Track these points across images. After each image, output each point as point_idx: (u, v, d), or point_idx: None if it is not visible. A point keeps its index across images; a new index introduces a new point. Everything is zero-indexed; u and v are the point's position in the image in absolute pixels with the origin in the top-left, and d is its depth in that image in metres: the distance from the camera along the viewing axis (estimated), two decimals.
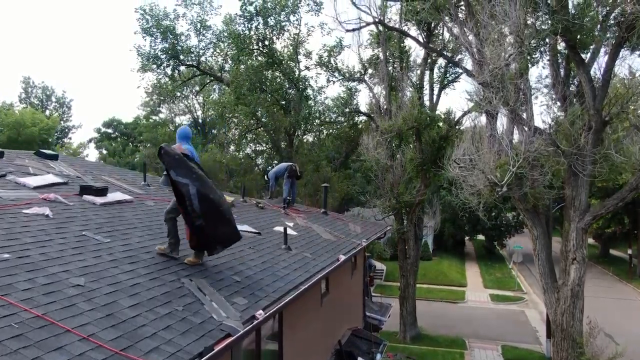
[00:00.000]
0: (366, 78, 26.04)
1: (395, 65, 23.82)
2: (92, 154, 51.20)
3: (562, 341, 13.80)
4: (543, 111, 30.77)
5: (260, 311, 4.99)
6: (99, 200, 7.24)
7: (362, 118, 28.72)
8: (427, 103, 23.46)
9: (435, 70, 24.73)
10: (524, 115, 13.42)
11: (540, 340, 22.69)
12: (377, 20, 19.48)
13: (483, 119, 15.18)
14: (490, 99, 12.82)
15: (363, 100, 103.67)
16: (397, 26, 21.94)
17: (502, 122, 14.03)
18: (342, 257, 8.38)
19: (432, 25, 21.58)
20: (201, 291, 5.12)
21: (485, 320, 25.96)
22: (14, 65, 72.66)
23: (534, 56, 15.01)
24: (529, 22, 13.28)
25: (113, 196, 7.72)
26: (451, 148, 18.49)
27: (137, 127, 46.62)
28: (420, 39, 21.57)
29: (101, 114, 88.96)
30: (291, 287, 6.15)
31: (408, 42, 24.43)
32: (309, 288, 6.59)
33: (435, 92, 24.32)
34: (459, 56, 22.50)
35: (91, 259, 5.07)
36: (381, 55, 23.22)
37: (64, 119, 48.26)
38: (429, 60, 23.41)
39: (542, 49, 14.77)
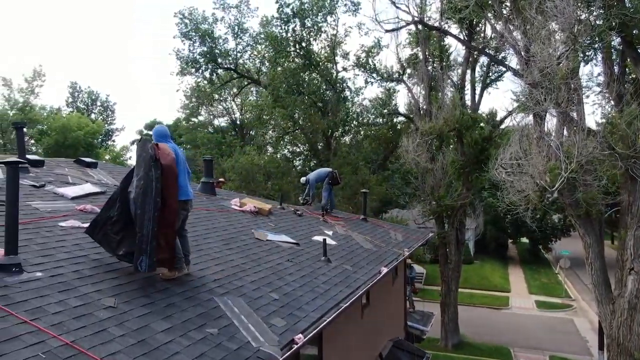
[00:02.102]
0: (405, 78, 25.48)
1: (435, 65, 23.14)
2: (134, 157, 52.57)
3: (618, 356, 12.92)
4: (594, 111, 29.17)
5: (300, 335, 4.69)
6: None
7: (401, 119, 28.16)
8: (468, 103, 22.67)
9: (477, 69, 23.92)
10: (575, 116, 12.64)
11: (592, 352, 21.51)
12: (416, 19, 18.93)
13: (530, 119, 14.45)
14: (539, 99, 12.12)
15: (402, 101, 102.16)
16: (436, 25, 21.29)
17: (550, 123, 13.29)
18: (384, 270, 8.00)
19: (474, 22, 20.83)
20: (237, 312, 4.86)
21: (530, 328, 24.88)
22: (62, 71, 75.51)
23: (587, 54, 14.14)
24: (581, 17, 12.49)
25: None
26: (495, 150, 17.77)
27: (177, 129, 47.44)
28: (462, 37, 20.86)
29: (143, 116, 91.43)
30: (332, 304, 5.82)
31: (448, 40, 23.74)
32: (350, 305, 6.24)
33: (477, 91, 23.49)
34: (502, 54, 21.65)
35: (124, 277, 4.90)
36: (420, 55, 22.62)
37: (108, 122, 49.67)
38: (471, 59, 22.62)
39: (595, 45, 13.89)
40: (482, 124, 22.07)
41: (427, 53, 22.49)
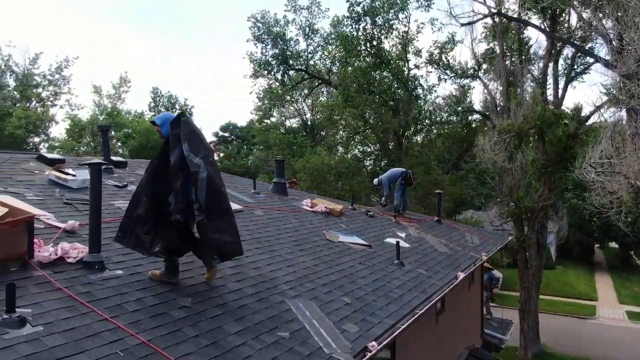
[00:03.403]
0: (480, 74, 24.43)
1: (513, 59, 21.95)
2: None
3: None
4: None
5: (373, 342, 4.50)
6: None
7: (476, 117, 27.05)
8: (550, 98, 21.26)
9: (560, 61, 22.35)
10: None
11: None
12: (494, 11, 18.06)
13: (622, 114, 13.27)
14: (634, 92, 11.07)
15: (477, 98, 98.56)
16: (515, 16, 20.19)
17: None
18: (461, 275, 7.61)
19: (557, 11, 19.51)
20: (309, 315, 4.76)
21: (621, 341, 22.91)
22: (145, 77, 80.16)
23: None
24: None
25: None
26: (580, 148, 16.52)
27: (250, 130, 48.75)
28: (544, 28, 19.62)
29: (219, 118, 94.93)
30: (406, 311, 5.57)
31: (528, 32, 22.46)
32: (426, 311, 5.96)
33: (561, 86, 21.94)
34: (589, 44, 20.11)
35: (199, 276, 4.95)
36: (497, 49, 21.55)
37: None
38: (553, 51, 21.21)
39: None
40: (566, 121, 20.60)
41: (504, 47, 21.38)
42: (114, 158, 8.58)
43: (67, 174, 6.72)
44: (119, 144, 36.53)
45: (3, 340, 3.11)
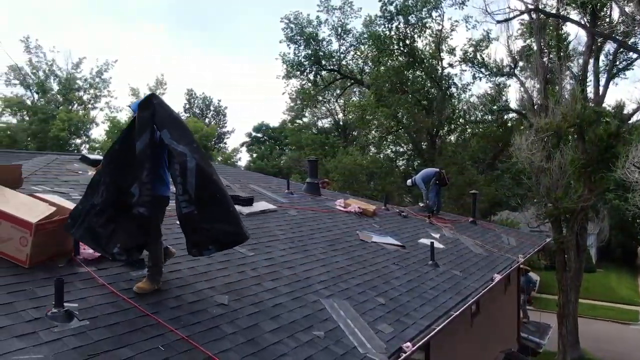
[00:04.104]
0: (517, 72, 23.85)
1: (551, 56, 21.36)
2: (243, 157, 55.26)
3: None
4: None
5: (408, 343, 4.49)
6: (245, 210, 7.37)
7: (512, 116, 26.44)
8: (591, 96, 20.58)
9: (602, 57, 21.62)
10: None
11: None
12: (531, 7, 17.63)
13: None
14: None
15: (513, 96, 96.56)
16: (554, 12, 19.65)
17: None
18: (497, 277, 7.48)
19: (598, 6, 18.89)
20: (343, 315, 4.78)
21: None
22: (180, 80, 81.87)
23: None
24: None
25: (258, 206, 7.83)
26: (623, 147, 15.94)
27: (283, 131, 49.13)
28: (584, 23, 19.02)
29: (252, 118, 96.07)
30: (441, 312, 5.53)
31: (567, 28, 21.86)
32: (461, 313, 5.89)
33: (602, 83, 21.21)
34: (633, 39, 19.39)
35: (235, 275, 5.05)
36: (534, 46, 21.00)
37: (220, 125, 52.81)
38: (594, 47, 20.52)
39: None
40: (607, 119, 19.90)
41: (542, 43, 20.82)
42: None
43: None
44: None
45: (53, 333, 3.26)
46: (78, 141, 32.44)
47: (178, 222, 4.35)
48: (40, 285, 3.79)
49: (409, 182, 12.92)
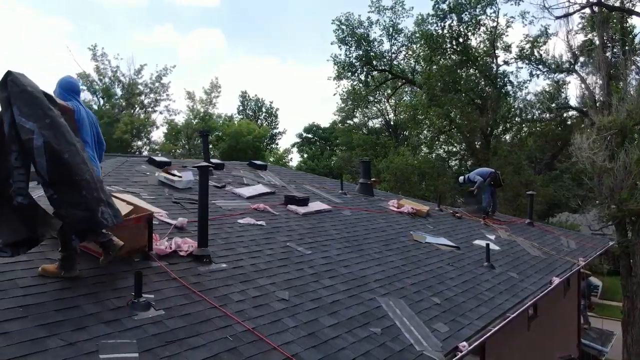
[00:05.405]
0: (577, 68, 22.95)
1: (614, 50, 20.41)
2: (295, 158, 55.98)
3: None
4: None
5: (464, 343, 4.54)
6: (301, 210, 7.61)
7: (572, 114, 25.44)
8: None
9: None
10: None
11: None
12: (592, 1, 16.94)
13: None
14: None
15: (573, 93, 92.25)
16: (617, 5, 18.77)
17: None
18: (556, 280, 7.32)
19: None
20: (399, 313, 4.89)
21: None
22: (234, 83, 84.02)
23: None
24: None
25: (313, 206, 8.05)
26: None
27: (333, 131, 49.41)
28: None
29: (303, 119, 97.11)
30: (497, 314, 5.52)
31: (632, 20, 20.76)
32: (517, 315, 5.85)
33: None
34: None
35: (294, 272, 5.27)
36: (597, 40, 20.13)
37: (272, 126, 53.80)
38: None
39: None
40: None
41: (604, 37, 19.93)
42: (212, 160, 9.22)
43: (174, 175, 7.38)
44: (210, 146, 38.68)
45: (134, 321, 3.58)
46: (139, 143, 34.08)
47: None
48: (121, 277, 4.15)
49: (460, 179, 12.79)
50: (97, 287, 3.92)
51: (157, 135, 51.40)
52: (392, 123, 39.15)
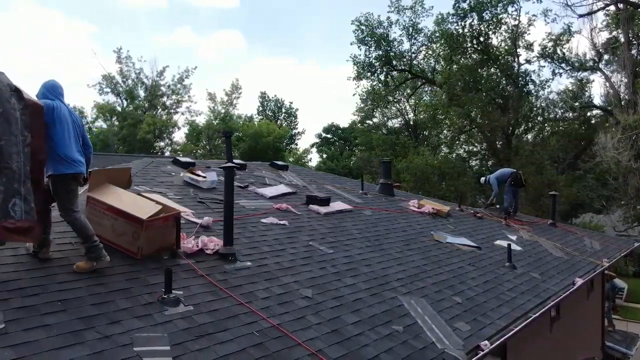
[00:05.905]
0: (601, 66, 22.61)
1: None
2: (314, 158, 56.13)
3: None
4: None
5: (486, 342, 4.58)
6: (322, 210, 7.71)
7: (596, 112, 25.05)
8: None
9: None
10: None
11: None
12: None
13: None
14: None
15: (596, 91, 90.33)
16: None
17: None
18: (579, 281, 7.27)
19: None
20: (421, 312, 4.95)
21: None
22: (254, 83, 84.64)
23: None
24: None
25: (334, 206, 8.14)
26: None
27: (352, 131, 49.41)
28: None
29: (322, 120, 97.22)
30: (519, 314, 5.53)
31: None
32: (539, 316, 5.84)
33: None
34: None
35: (317, 270, 5.37)
36: (622, 38, 19.85)
37: (292, 127, 54.06)
38: None
39: None
40: None
41: (630, 35, 19.62)
42: (235, 161, 9.38)
43: (199, 175, 7.55)
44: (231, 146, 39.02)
45: (164, 316, 3.73)
46: (162, 144, 34.65)
47: None
48: (151, 274, 4.31)
49: (482, 179, 12.74)
50: (129, 283, 4.09)
51: (179, 135, 52.22)
52: (411, 123, 38.96)
